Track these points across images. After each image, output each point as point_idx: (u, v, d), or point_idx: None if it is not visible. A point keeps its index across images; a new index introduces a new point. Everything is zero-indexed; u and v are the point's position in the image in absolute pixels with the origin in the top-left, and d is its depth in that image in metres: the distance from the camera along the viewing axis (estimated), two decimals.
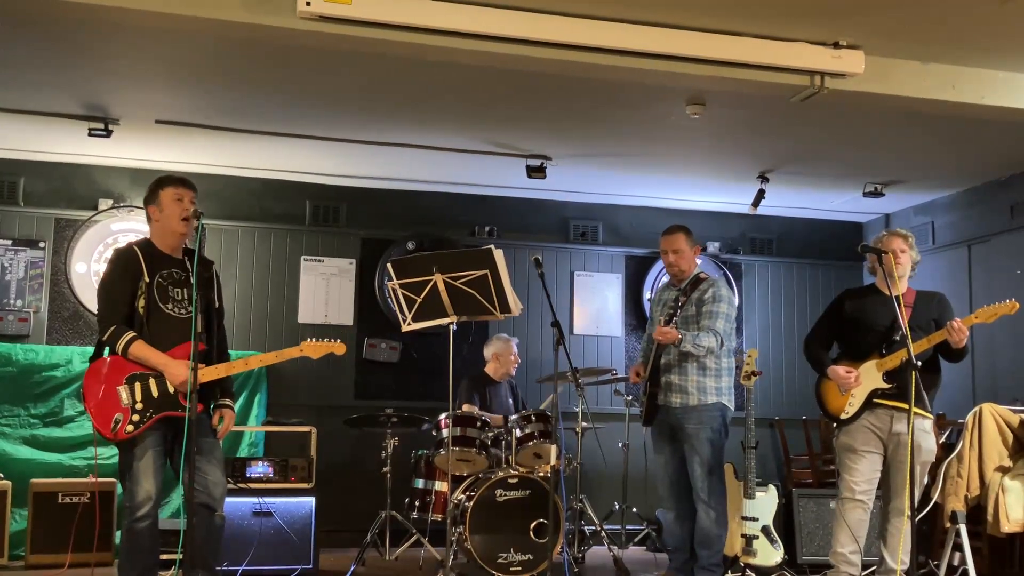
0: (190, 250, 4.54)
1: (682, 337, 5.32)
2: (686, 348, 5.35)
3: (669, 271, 5.79)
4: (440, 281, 5.30)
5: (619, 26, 4.81)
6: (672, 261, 5.68)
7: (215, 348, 4.50)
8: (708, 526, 5.44)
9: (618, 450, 7.24)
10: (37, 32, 4.96)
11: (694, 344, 5.35)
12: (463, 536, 5.82)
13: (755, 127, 6.39)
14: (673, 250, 5.67)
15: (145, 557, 4.29)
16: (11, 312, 7.13)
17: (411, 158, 7.22)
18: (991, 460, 5.98)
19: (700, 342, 5.36)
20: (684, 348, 5.35)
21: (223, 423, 4.52)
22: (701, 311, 5.47)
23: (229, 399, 4.61)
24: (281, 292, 7.77)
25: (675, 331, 5.32)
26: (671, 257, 5.68)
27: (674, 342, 5.33)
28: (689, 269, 5.69)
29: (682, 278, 5.71)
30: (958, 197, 7.94)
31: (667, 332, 5.32)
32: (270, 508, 6.07)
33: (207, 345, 4.41)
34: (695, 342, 5.35)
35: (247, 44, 5.01)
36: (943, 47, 5.17)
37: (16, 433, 6.75)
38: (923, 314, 5.04)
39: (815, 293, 8.80)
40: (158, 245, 4.49)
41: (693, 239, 5.74)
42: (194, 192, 4.52)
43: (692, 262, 5.71)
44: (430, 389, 7.63)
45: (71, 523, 6.08)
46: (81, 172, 7.43)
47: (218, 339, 4.55)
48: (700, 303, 5.52)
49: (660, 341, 5.39)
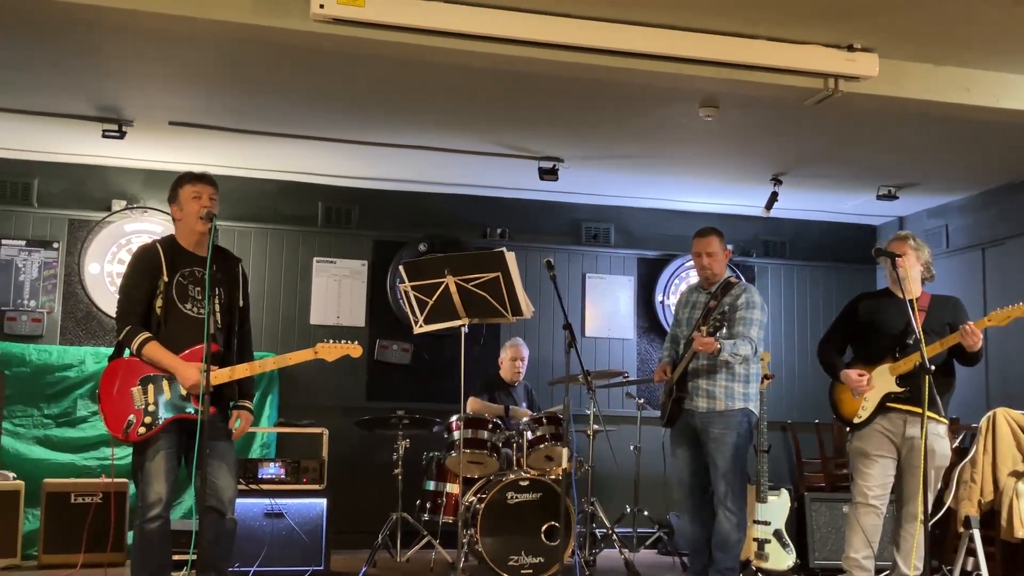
0: (217, 248, 4.50)
1: (721, 347, 5.27)
2: (724, 357, 5.31)
3: (701, 274, 5.68)
4: (452, 283, 5.30)
5: (632, 29, 4.80)
6: (706, 264, 5.59)
7: (236, 348, 4.50)
8: (728, 530, 5.40)
9: (630, 453, 7.23)
10: (51, 34, 4.98)
11: (731, 353, 5.29)
12: (474, 538, 5.82)
13: (768, 129, 6.38)
14: (708, 253, 5.58)
15: (156, 557, 4.29)
16: (25, 312, 7.16)
17: (423, 160, 7.23)
18: (1005, 465, 5.95)
19: (737, 351, 5.31)
20: (722, 357, 5.31)
21: (240, 424, 4.51)
22: (734, 317, 5.41)
23: (248, 401, 4.58)
24: (293, 293, 7.79)
25: (715, 342, 5.24)
26: (705, 260, 5.59)
27: (714, 352, 5.28)
28: (721, 272, 5.63)
29: (713, 281, 5.64)
30: (972, 200, 7.91)
31: (708, 342, 5.23)
32: (282, 509, 6.08)
33: (224, 346, 4.40)
34: (732, 351, 5.29)
35: (260, 46, 5.02)
36: (957, 49, 5.15)
37: (29, 433, 6.78)
38: (937, 318, 5.01)
39: (828, 296, 8.77)
40: (182, 243, 4.46)
41: (725, 242, 5.67)
42: (213, 188, 4.48)
43: (724, 265, 5.65)
44: (442, 391, 7.62)
45: (84, 523, 6.11)
46: (95, 173, 7.45)
47: (242, 338, 4.56)
48: (733, 308, 5.46)
49: (700, 351, 5.31)
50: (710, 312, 5.43)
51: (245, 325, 4.61)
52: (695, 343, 5.30)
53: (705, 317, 5.44)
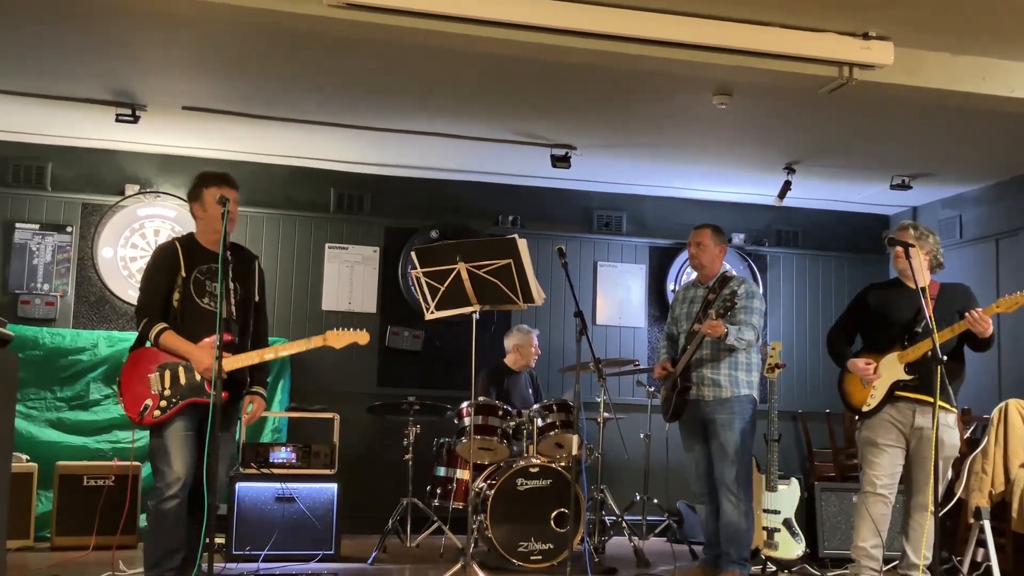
0: (234, 245, 4.59)
1: (727, 331, 5.35)
2: (730, 341, 5.40)
3: (691, 263, 5.90)
4: (463, 270, 5.30)
5: (647, 15, 4.79)
6: (693, 253, 5.80)
7: (251, 339, 4.60)
8: (737, 519, 5.44)
9: (639, 441, 7.23)
10: (64, 18, 5.00)
11: (737, 338, 5.41)
12: (484, 524, 5.83)
13: (782, 118, 6.35)
14: (696, 243, 5.78)
15: (171, 537, 4.36)
16: (38, 296, 7.20)
17: (436, 147, 7.22)
18: (1016, 456, 5.94)
19: (743, 335, 5.44)
20: (728, 341, 5.40)
21: (252, 409, 4.61)
22: (736, 306, 5.48)
23: (262, 387, 4.69)
24: (305, 279, 7.80)
25: (723, 324, 5.34)
26: (692, 249, 5.80)
27: (722, 335, 5.36)
28: (711, 265, 5.76)
29: (704, 273, 5.79)
30: (987, 191, 7.87)
31: (716, 325, 5.33)
32: (293, 494, 6.10)
33: (239, 337, 4.49)
34: (738, 335, 5.42)
35: (274, 31, 5.02)
36: (973, 38, 5.12)
37: (42, 416, 6.82)
38: (947, 306, 5.00)
39: (840, 286, 8.75)
40: (201, 241, 4.59)
41: (721, 238, 5.81)
42: (236, 191, 4.55)
43: (714, 259, 5.77)
44: (452, 377, 7.64)
45: (96, 505, 6.14)
46: (108, 158, 7.47)
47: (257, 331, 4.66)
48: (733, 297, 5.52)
49: (709, 334, 5.40)
50: (710, 304, 5.53)
51: (261, 318, 4.74)
52: (704, 326, 5.39)
53: (705, 309, 5.54)
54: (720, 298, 5.47)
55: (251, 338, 4.63)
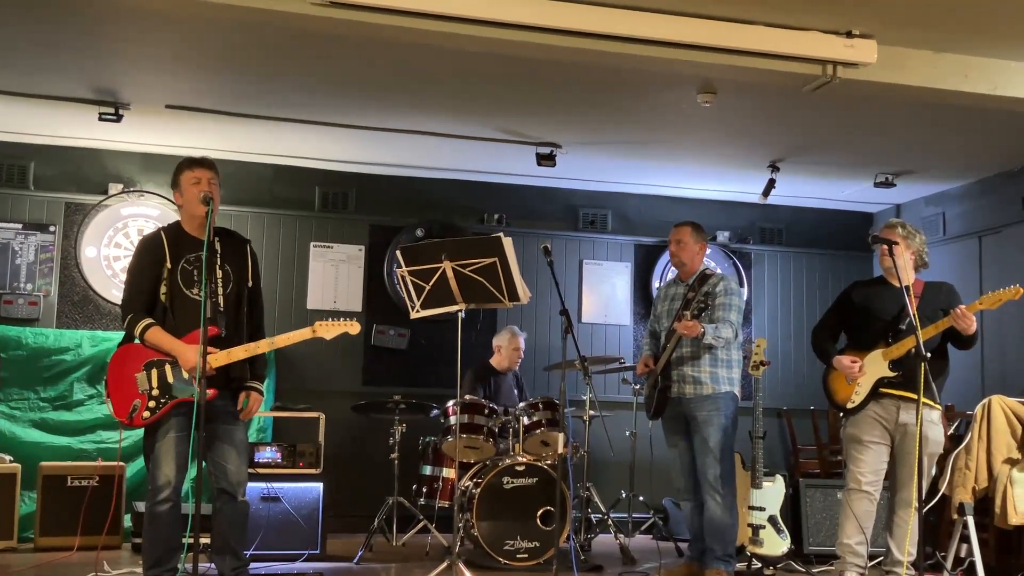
0: (223, 230, 4.53)
1: (704, 330, 5.36)
2: (707, 340, 5.41)
3: (672, 260, 5.92)
4: (449, 268, 5.29)
5: (630, 13, 4.79)
6: (673, 251, 5.82)
7: (245, 328, 4.51)
8: (720, 515, 5.44)
9: (625, 438, 7.24)
10: (47, 15, 4.96)
11: (714, 336, 5.42)
12: (470, 523, 5.83)
13: (766, 116, 6.37)
14: (675, 240, 5.80)
15: (166, 539, 4.34)
16: (21, 296, 7.15)
17: (421, 145, 7.21)
18: (999, 452, 5.96)
19: (720, 333, 5.44)
20: (706, 340, 5.41)
21: (247, 404, 4.53)
22: (714, 303, 5.51)
23: (258, 382, 4.60)
24: (290, 278, 7.78)
25: (698, 325, 5.35)
26: (673, 247, 5.82)
27: (698, 335, 5.37)
28: (690, 263, 5.77)
29: (684, 270, 5.80)
30: (969, 188, 7.91)
31: (691, 326, 5.34)
32: (278, 493, 6.09)
33: (232, 327, 4.41)
34: (715, 334, 5.42)
35: (258, 29, 5.01)
36: (956, 36, 5.14)
37: (25, 416, 6.78)
38: (931, 304, 5.04)
39: (824, 283, 8.78)
40: (186, 229, 4.51)
41: (701, 236, 5.81)
42: (212, 172, 4.51)
43: (694, 256, 5.77)
44: (438, 376, 7.64)
45: (80, 506, 6.12)
46: (91, 156, 7.43)
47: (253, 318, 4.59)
48: (712, 295, 5.57)
49: (685, 335, 5.41)
50: (690, 302, 5.55)
51: (256, 304, 4.65)
52: (679, 327, 5.40)
53: (686, 306, 5.56)
54: (696, 298, 5.49)
55: (247, 327, 4.53)
